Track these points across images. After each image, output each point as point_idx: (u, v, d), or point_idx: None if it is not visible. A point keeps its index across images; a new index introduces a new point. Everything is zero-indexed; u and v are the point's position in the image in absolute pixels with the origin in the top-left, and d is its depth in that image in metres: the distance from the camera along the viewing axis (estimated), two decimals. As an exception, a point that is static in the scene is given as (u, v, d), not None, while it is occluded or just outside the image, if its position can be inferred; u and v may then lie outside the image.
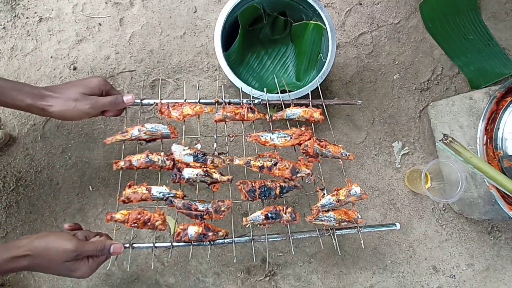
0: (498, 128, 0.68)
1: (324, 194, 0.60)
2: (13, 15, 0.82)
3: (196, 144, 0.60)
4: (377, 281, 0.78)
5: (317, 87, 0.67)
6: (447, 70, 0.88)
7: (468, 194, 0.72)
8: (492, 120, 0.68)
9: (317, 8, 0.73)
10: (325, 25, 0.73)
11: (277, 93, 0.66)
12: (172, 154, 0.57)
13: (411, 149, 0.84)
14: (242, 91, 0.67)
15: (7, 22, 0.82)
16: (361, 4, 0.90)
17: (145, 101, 0.62)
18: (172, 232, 0.74)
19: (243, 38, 0.77)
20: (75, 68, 0.81)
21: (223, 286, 0.75)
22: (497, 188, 0.63)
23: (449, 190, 0.72)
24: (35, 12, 0.83)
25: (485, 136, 0.67)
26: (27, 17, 0.83)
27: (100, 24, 0.83)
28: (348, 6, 0.90)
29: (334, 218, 0.57)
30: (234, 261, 0.70)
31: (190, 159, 0.56)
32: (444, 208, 0.82)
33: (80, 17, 0.83)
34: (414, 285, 0.79)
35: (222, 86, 0.79)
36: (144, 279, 0.75)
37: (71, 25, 0.83)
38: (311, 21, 0.77)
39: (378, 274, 0.79)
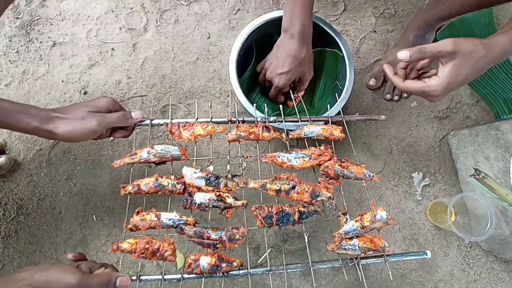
0: (530, 161, 0.64)
1: (346, 219, 0.54)
2: (27, 40, 0.82)
3: (208, 166, 0.57)
4: (401, 325, 0.72)
5: (339, 111, 0.64)
6: (466, 98, 0.85)
7: (498, 232, 0.67)
8: (522, 152, 0.64)
9: (334, 35, 0.72)
10: (342, 52, 0.71)
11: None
12: (182, 177, 0.54)
13: (432, 180, 0.80)
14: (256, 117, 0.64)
15: (21, 46, 0.82)
16: (375, 31, 0.90)
17: (155, 121, 0.59)
18: (179, 268, 0.69)
19: (257, 64, 0.76)
20: (85, 93, 0.79)
21: (232, 328, 0.69)
22: (533, 227, 0.58)
23: (476, 225, 0.67)
24: (49, 37, 0.83)
25: (516, 170, 0.63)
26: (41, 42, 0.82)
27: (113, 49, 0.83)
28: (362, 34, 0.89)
29: (359, 247, 0.51)
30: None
31: (202, 182, 0.52)
32: (470, 245, 0.76)
33: (94, 42, 0.83)
34: (441, 331, 0.72)
35: (236, 106, 0.76)
36: (146, 318, 0.69)
37: (84, 49, 0.82)
38: (327, 48, 0.75)
39: (401, 318, 0.72)
